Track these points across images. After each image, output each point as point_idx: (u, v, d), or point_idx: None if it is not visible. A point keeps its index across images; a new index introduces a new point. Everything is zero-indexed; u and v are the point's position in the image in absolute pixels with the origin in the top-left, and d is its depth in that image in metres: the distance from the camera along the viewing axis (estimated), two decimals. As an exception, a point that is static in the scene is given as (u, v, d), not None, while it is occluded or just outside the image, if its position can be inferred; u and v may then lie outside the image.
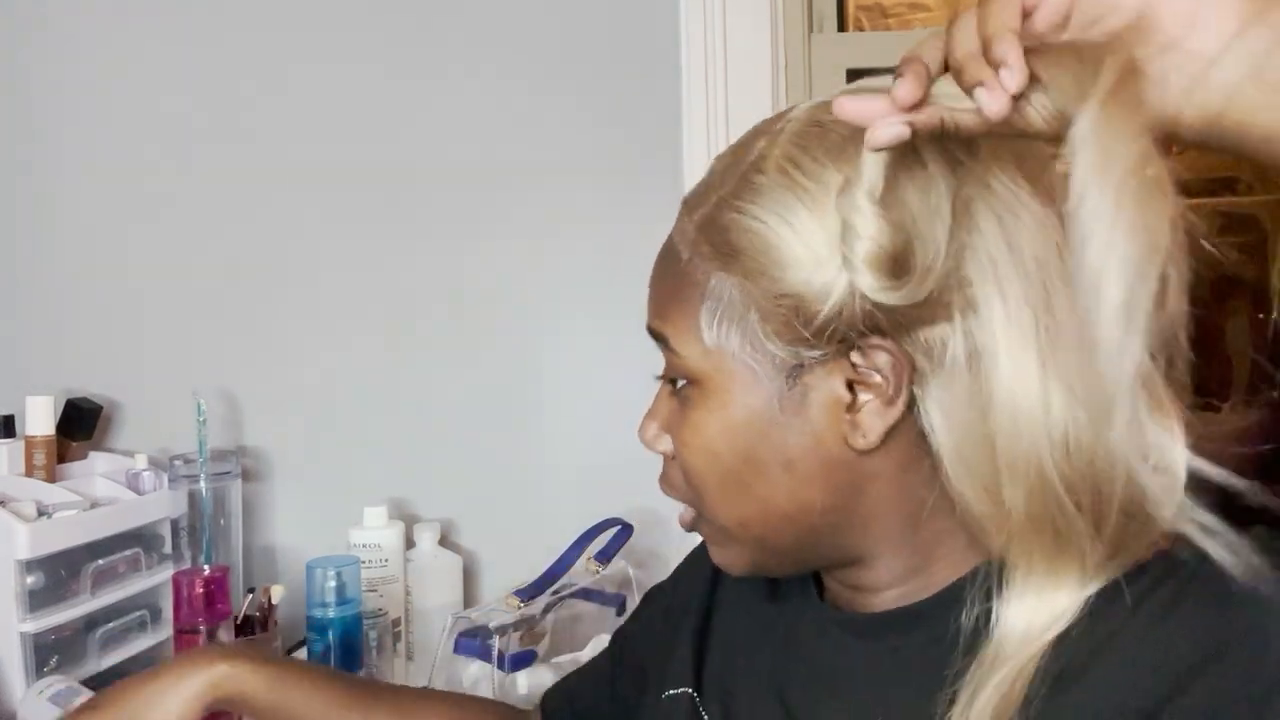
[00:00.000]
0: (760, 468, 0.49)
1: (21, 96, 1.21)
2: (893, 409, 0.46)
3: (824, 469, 0.48)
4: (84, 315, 1.21)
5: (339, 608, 0.90)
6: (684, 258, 0.50)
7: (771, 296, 0.46)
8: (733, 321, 0.48)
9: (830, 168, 0.45)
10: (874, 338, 0.45)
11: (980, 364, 0.44)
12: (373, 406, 1.21)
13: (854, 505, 0.49)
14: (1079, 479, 0.43)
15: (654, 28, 1.18)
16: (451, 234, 1.21)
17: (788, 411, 0.48)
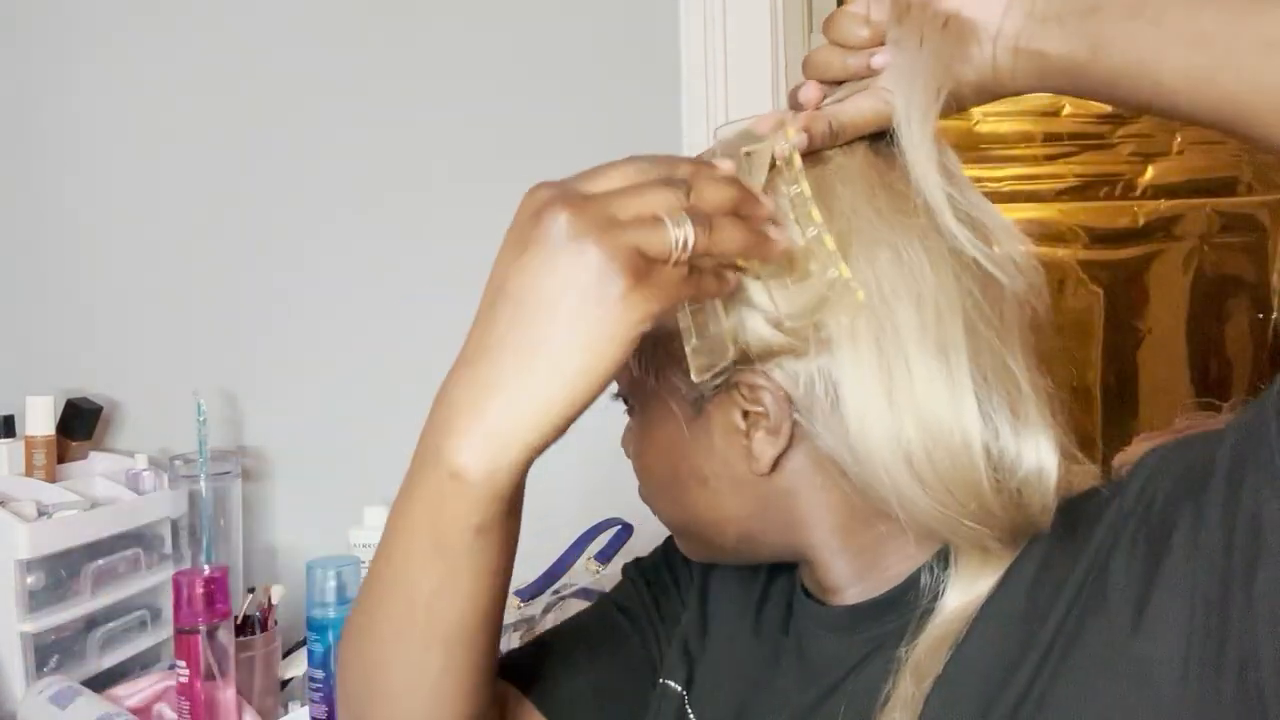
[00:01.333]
0: (683, 483, 0.54)
1: (22, 97, 1.21)
2: (779, 438, 0.49)
3: (735, 487, 0.52)
4: (84, 315, 1.21)
5: (339, 608, 0.90)
6: None
7: (668, 336, 0.49)
8: (648, 355, 0.53)
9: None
10: (752, 375, 0.49)
11: (839, 397, 0.47)
12: (373, 406, 1.21)
13: (778, 515, 0.52)
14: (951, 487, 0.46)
15: (654, 28, 1.18)
16: (452, 234, 1.21)
17: (697, 436, 0.52)
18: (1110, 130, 2.00)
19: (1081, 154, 2.01)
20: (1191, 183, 2.00)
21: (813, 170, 0.49)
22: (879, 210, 0.48)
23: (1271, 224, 2.00)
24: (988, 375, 0.47)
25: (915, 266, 0.47)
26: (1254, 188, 2.01)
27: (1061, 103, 1.95)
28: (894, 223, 0.48)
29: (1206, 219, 2.01)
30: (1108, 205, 2.02)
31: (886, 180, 0.49)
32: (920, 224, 0.48)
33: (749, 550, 0.55)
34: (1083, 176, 2.01)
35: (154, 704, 0.91)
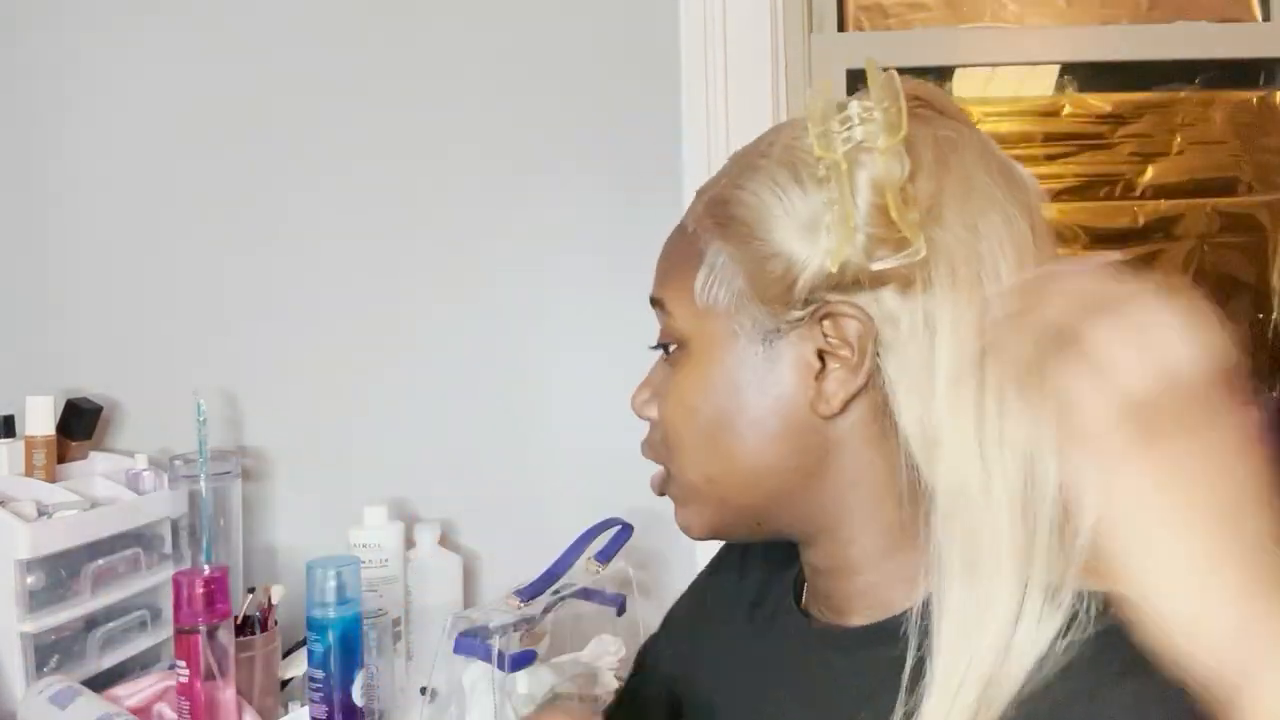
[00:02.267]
0: (730, 424, 0.53)
1: (22, 98, 1.21)
2: (856, 377, 0.49)
3: (789, 430, 0.51)
4: (84, 315, 1.21)
5: (339, 608, 0.90)
6: (689, 230, 0.55)
7: (758, 260, 0.50)
8: (723, 285, 0.52)
9: (831, 151, 0.49)
10: (845, 306, 0.49)
11: (932, 338, 0.48)
12: (373, 406, 1.21)
13: (819, 472, 0.52)
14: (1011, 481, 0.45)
15: (654, 28, 1.18)
16: (452, 235, 1.21)
17: (761, 372, 0.52)
18: (1110, 130, 2.00)
19: (1081, 154, 2.01)
20: (1191, 183, 2.00)
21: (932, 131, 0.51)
22: (993, 179, 0.50)
23: (1271, 224, 2.00)
24: None
25: (1024, 233, 0.48)
26: (1254, 188, 2.00)
27: (1062, 103, 1.95)
28: (1008, 193, 0.50)
29: (1206, 219, 2.01)
30: (1108, 205, 2.02)
31: (999, 160, 0.51)
32: (1028, 202, 0.50)
33: (771, 514, 0.54)
34: (1083, 176, 2.01)
35: (154, 704, 0.91)
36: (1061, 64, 1.75)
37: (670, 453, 0.56)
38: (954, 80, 1.70)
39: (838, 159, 0.48)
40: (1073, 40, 1.44)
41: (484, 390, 1.20)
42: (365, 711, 0.92)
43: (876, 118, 0.47)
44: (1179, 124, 1.93)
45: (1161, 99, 1.90)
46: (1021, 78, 1.82)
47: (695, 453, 0.55)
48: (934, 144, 0.50)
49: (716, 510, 0.56)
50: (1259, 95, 1.86)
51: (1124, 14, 1.72)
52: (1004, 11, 1.73)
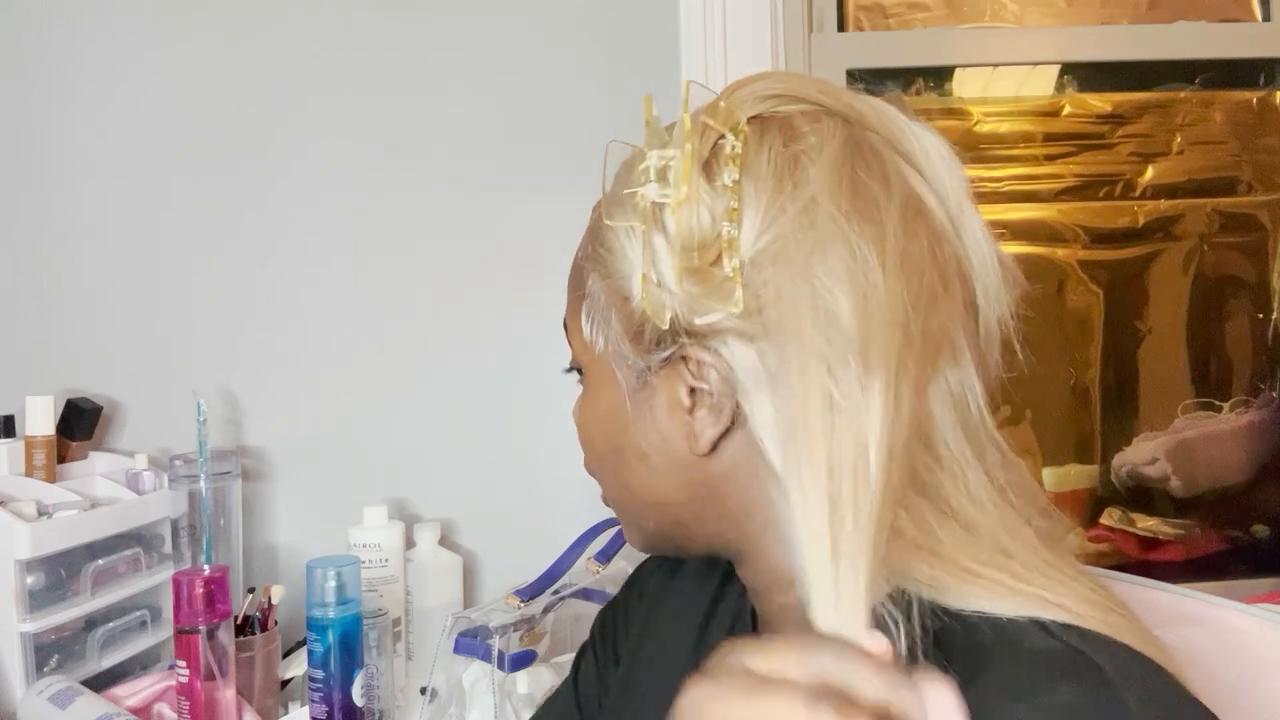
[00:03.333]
0: (622, 456, 0.53)
1: (22, 98, 1.21)
2: (720, 417, 0.48)
3: (674, 466, 0.51)
4: (84, 315, 1.21)
5: (339, 608, 0.90)
6: (578, 258, 0.55)
7: (619, 299, 0.49)
8: (600, 321, 0.52)
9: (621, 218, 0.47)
10: (700, 350, 0.47)
11: (773, 386, 0.45)
12: (373, 406, 1.21)
13: (716, 503, 0.51)
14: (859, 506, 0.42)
15: (654, 29, 1.18)
16: (451, 235, 1.21)
17: (639, 409, 0.51)
18: (1110, 130, 2.00)
19: (1081, 154, 2.01)
20: (1191, 183, 2.00)
21: (782, 147, 0.46)
22: (839, 206, 0.44)
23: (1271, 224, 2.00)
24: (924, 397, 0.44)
25: (869, 269, 0.43)
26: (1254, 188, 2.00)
27: (1061, 103, 1.95)
28: (854, 222, 0.44)
29: (1206, 219, 2.01)
30: (1108, 205, 2.02)
31: (858, 175, 0.46)
32: (883, 230, 0.44)
33: (683, 538, 0.54)
34: (1083, 176, 2.01)
35: (154, 704, 0.91)
36: (1061, 64, 1.75)
37: (591, 471, 0.58)
38: (954, 80, 1.70)
39: (633, 223, 0.46)
40: (1073, 40, 1.44)
41: (485, 390, 1.21)
42: (365, 711, 0.92)
43: (675, 166, 0.45)
44: (1179, 124, 1.93)
45: (1161, 99, 1.90)
46: (1021, 78, 1.82)
47: (602, 477, 0.57)
48: (774, 168, 0.46)
49: (638, 530, 0.56)
50: (1259, 95, 1.86)
51: (1124, 14, 1.72)
52: (1004, 11, 1.73)
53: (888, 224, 0.45)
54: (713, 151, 0.46)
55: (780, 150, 0.46)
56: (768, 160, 0.46)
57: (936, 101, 1.69)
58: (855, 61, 1.29)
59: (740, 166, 0.45)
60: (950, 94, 1.70)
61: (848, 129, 0.48)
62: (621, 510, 0.56)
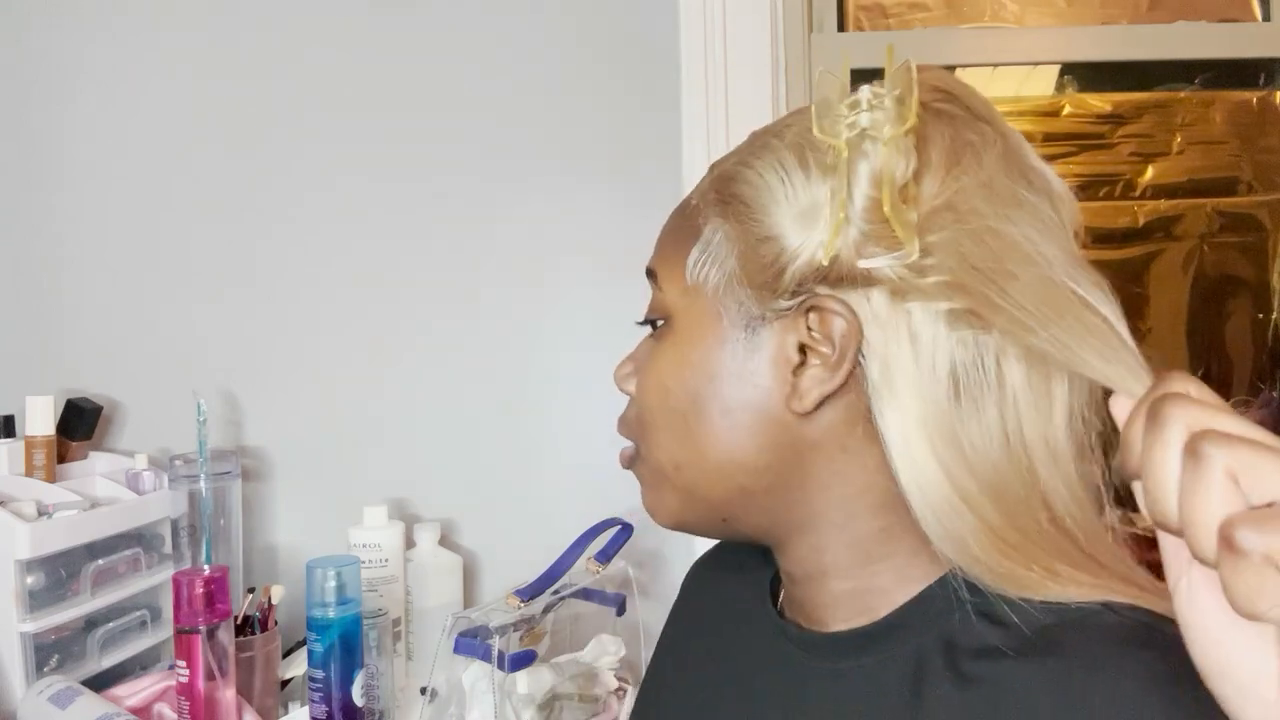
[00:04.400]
0: (702, 410, 0.50)
1: (22, 98, 1.21)
2: (834, 376, 0.47)
3: (761, 424, 0.49)
4: (84, 315, 1.21)
5: (339, 608, 0.90)
6: (692, 203, 0.53)
7: (752, 242, 0.48)
8: (715, 263, 0.50)
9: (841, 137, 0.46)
10: (832, 302, 0.46)
11: (916, 350, 0.45)
12: (373, 407, 1.21)
13: (791, 473, 0.50)
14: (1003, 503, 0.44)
15: (654, 28, 1.18)
16: (451, 234, 1.21)
17: (739, 359, 0.49)
18: (1110, 130, 2.00)
19: (1081, 154, 2.01)
20: (1191, 183, 2.00)
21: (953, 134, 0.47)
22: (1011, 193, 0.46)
23: (1271, 224, 2.00)
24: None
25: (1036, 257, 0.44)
26: (1254, 188, 2.00)
27: (1062, 103, 1.95)
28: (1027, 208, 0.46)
29: (1206, 219, 2.01)
30: (1108, 205, 2.02)
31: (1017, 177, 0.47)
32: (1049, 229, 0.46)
33: (737, 510, 0.52)
34: (1083, 176, 2.01)
35: (154, 704, 0.91)
36: (1061, 64, 1.75)
37: (642, 431, 0.54)
38: (954, 80, 1.70)
39: (839, 145, 0.45)
40: (1073, 40, 1.44)
41: (484, 390, 1.21)
42: (365, 711, 0.92)
43: (886, 106, 0.44)
44: (1179, 124, 1.93)
45: (1161, 99, 1.90)
46: (1021, 78, 1.83)
47: (665, 435, 0.53)
48: (950, 143, 0.47)
49: (683, 500, 0.53)
50: (1259, 95, 1.86)
51: (1124, 14, 1.72)
52: (1004, 11, 1.74)
53: (1061, 216, 0.46)
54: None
55: (952, 135, 0.47)
56: (942, 139, 0.47)
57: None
58: (855, 61, 1.29)
59: (919, 137, 0.46)
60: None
61: (999, 139, 0.48)
62: (674, 474, 0.53)
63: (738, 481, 0.50)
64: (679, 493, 0.53)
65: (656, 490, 0.55)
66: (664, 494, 0.54)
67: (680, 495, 0.53)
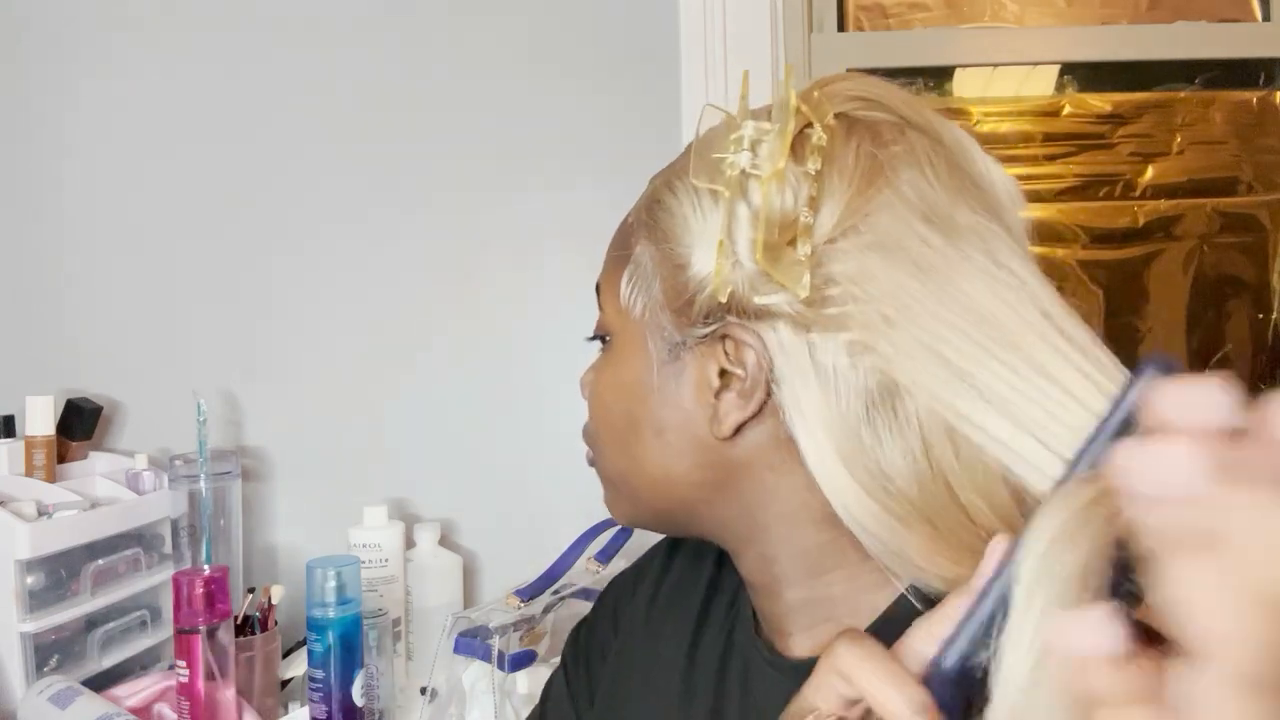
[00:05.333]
0: (637, 429, 0.52)
1: (22, 98, 1.21)
2: (748, 405, 0.47)
3: (690, 446, 0.50)
4: (84, 315, 1.21)
5: (339, 608, 0.90)
6: (629, 222, 0.54)
7: (671, 268, 0.49)
8: (642, 286, 0.51)
9: (730, 170, 0.46)
10: (742, 330, 0.46)
11: (820, 381, 0.45)
12: (373, 407, 1.21)
13: (727, 490, 0.50)
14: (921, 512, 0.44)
15: (654, 28, 1.18)
16: (451, 234, 1.21)
17: (665, 382, 0.50)
18: (1110, 130, 2.00)
19: (1081, 154, 2.01)
20: (1191, 183, 2.00)
21: (870, 148, 0.46)
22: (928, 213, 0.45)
23: (1271, 224, 2.00)
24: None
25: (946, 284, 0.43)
26: (1254, 188, 2.00)
27: (1061, 103, 1.95)
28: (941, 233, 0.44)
29: (1206, 219, 2.01)
30: (1108, 205, 2.02)
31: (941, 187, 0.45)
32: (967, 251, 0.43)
33: (684, 518, 0.53)
34: (1083, 176, 2.01)
35: (154, 704, 0.91)
36: (1061, 64, 1.75)
37: (593, 441, 0.57)
38: (954, 80, 1.70)
39: (717, 188, 0.45)
40: (1073, 40, 1.44)
41: (484, 390, 1.21)
42: (365, 711, 0.92)
43: (769, 139, 0.44)
44: (1179, 124, 1.93)
45: (1161, 99, 1.90)
46: (1021, 78, 1.82)
47: (608, 448, 0.55)
48: (862, 165, 0.45)
49: (632, 505, 0.55)
50: (1259, 95, 1.86)
51: (1124, 14, 1.72)
52: (1004, 11, 1.73)
53: (974, 241, 0.44)
54: (799, 137, 0.46)
55: (869, 150, 0.46)
56: (854, 158, 0.46)
57: (936, 102, 1.69)
58: (855, 61, 1.29)
59: (823, 159, 0.45)
60: (950, 94, 1.70)
61: (929, 144, 0.47)
62: (620, 483, 0.55)
63: (678, 494, 0.52)
64: (628, 499, 0.55)
65: (610, 494, 0.57)
66: (616, 498, 0.57)
67: (629, 501, 0.55)
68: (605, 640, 0.68)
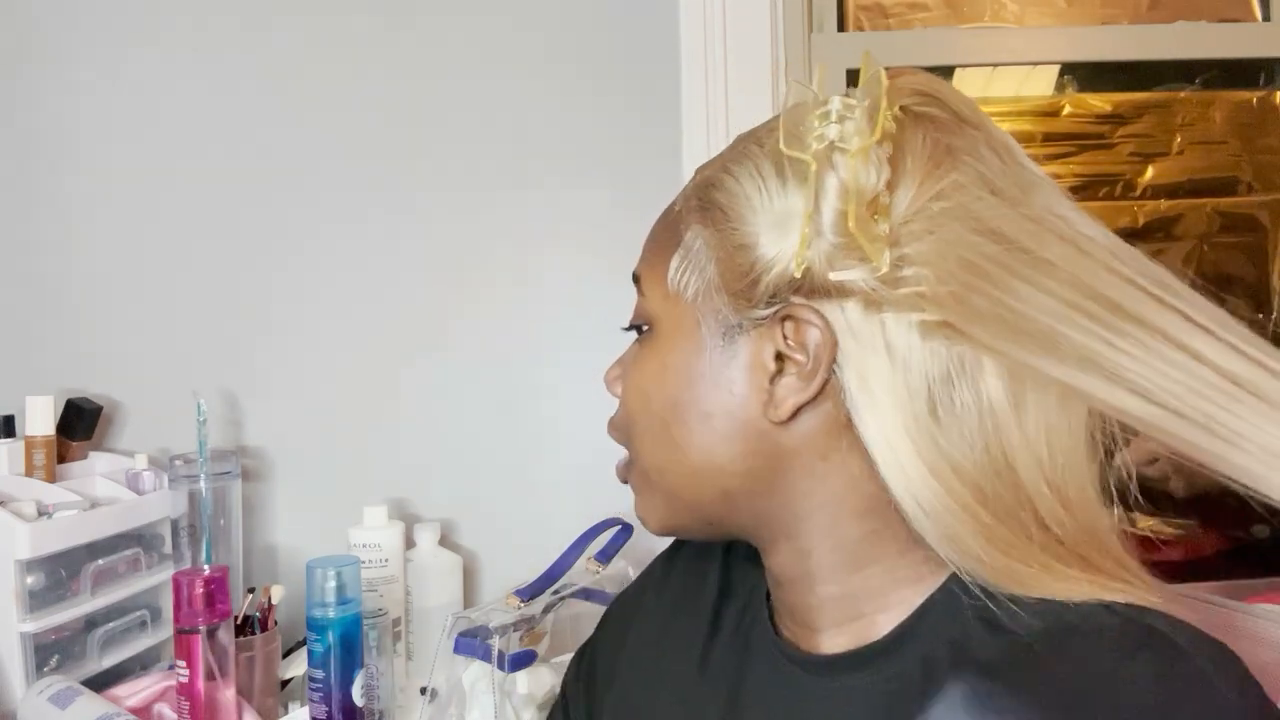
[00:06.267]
0: (682, 415, 0.51)
1: (22, 98, 1.21)
2: (808, 386, 0.47)
3: (739, 431, 0.49)
4: (84, 315, 1.21)
5: (339, 608, 0.90)
6: (675, 209, 0.54)
7: (730, 250, 0.48)
8: (694, 270, 0.50)
9: (810, 150, 0.46)
10: (807, 312, 0.46)
11: (891, 360, 0.45)
12: (372, 406, 1.21)
13: (773, 479, 0.50)
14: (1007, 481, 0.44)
15: (653, 28, 1.18)
16: (451, 235, 1.21)
17: (716, 367, 0.49)
18: (1110, 130, 2.00)
19: (1081, 154, 2.01)
20: (1191, 183, 2.00)
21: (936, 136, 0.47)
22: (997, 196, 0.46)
23: (1271, 224, 2.00)
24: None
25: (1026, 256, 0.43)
26: (1254, 188, 2.00)
27: (1061, 103, 1.95)
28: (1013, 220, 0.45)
29: (1206, 219, 2.01)
30: (1108, 205, 2.02)
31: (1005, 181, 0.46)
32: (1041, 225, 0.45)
33: (721, 512, 0.52)
34: (1083, 176, 2.01)
35: (154, 704, 0.91)
36: (1061, 64, 1.75)
37: (628, 434, 0.55)
38: (954, 80, 1.70)
39: (806, 158, 0.45)
40: (1073, 40, 1.44)
41: (484, 390, 1.21)
42: (365, 711, 0.92)
43: (856, 116, 0.44)
44: (1179, 124, 1.93)
45: (1161, 99, 1.90)
46: (1021, 78, 1.82)
47: (647, 439, 0.53)
48: (930, 149, 0.46)
49: (667, 503, 0.54)
50: (1259, 95, 1.86)
51: (1124, 14, 1.72)
52: (1004, 11, 1.73)
53: (1046, 217, 0.45)
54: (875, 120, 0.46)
55: (935, 139, 0.47)
56: (922, 144, 0.46)
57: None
58: (855, 61, 1.29)
59: (895, 144, 0.46)
60: (955, 94, 1.70)
61: (984, 139, 0.48)
62: (659, 476, 0.53)
63: (719, 485, 0.51)
64: (663, 496, 0.54)
65: (645, 495, 0.56)
66: (651, 499, 0.55)
67: (665, 499, 0.54)
68: (607, 664, 0.68)
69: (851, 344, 0.46)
